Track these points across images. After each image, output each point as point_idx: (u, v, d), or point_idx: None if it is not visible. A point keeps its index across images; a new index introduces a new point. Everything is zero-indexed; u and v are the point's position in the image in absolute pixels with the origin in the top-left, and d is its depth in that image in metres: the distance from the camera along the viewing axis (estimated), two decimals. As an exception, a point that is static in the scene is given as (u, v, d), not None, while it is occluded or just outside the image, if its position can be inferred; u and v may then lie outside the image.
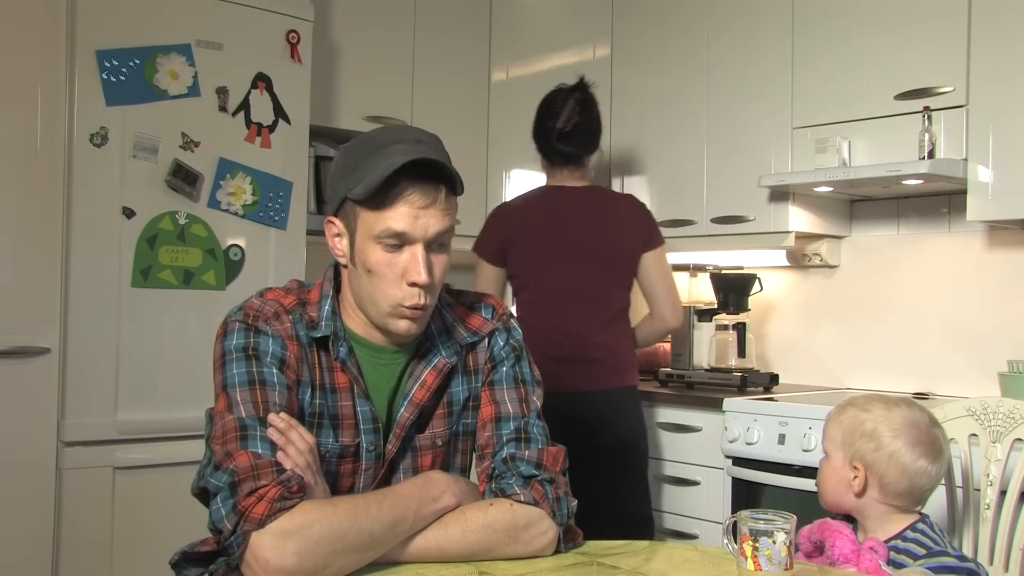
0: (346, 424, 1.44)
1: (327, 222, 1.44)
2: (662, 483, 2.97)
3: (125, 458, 2.52)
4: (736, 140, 3.12)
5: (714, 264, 3.31)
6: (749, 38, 3.10)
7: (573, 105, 2.70)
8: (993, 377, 2.61)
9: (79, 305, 2.49)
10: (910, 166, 2.56)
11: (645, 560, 1.40)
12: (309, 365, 1.41)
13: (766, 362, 3.36)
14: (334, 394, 1.43)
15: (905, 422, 1.59)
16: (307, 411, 1.41)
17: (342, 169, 1.39)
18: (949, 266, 2.93)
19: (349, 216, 1.39)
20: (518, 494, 1.40)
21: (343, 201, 1.39)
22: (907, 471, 1.57)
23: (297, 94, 2.87)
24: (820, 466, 1.67)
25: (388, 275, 1.37)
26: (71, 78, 2.50)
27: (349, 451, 1.45)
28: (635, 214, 2.78)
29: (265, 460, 1.27)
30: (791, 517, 1.26)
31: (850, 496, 1.60)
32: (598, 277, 2.70)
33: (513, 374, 1.53)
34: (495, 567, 1.33)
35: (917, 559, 1.52)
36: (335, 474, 1.44)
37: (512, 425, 1.48)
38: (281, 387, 1.36)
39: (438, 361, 1.47)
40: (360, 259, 1.39)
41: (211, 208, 2.69)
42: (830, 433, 1.64)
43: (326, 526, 1.23)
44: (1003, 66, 2.47)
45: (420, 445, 1.49)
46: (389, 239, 1.35)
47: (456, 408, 1.52)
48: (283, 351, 1.38)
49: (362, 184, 1.33)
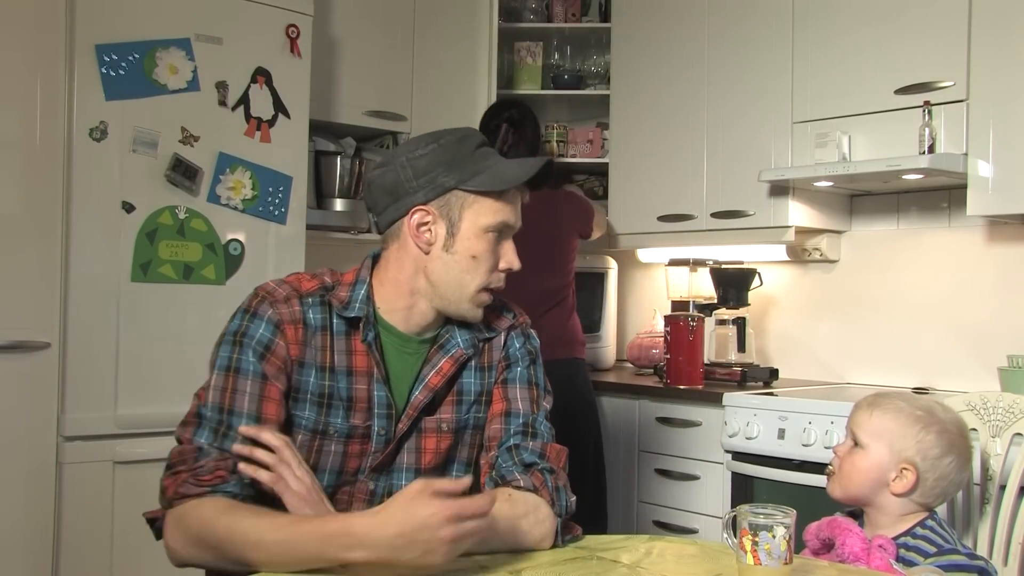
0: (359, 407, 1.48)
1: (417, 210, 1.47)
2: (662, 478, 2.97)
3: (125, 453, 2.52)
4: (736, 135, 3.12)
5: (714, 259, 3.31)
6: (749, 33, 3.10)
7: (506, 129, 2.97)
8: (993, 371, 2.61)
9: (79, 300, 2.48)
10: (910, 161, 2.56)
11: (645, 554, 1.40)
12: (319, 348, 1.46)
13: (766, 357, 3.36)
14: (349, 376, 1.47)
15: (958, 431, 1.59)
16: (312, 391, 1.46)
17: (445, 163, 1.46)
18: (949, 261, 2.93)
19: (454, 207, 1.47)
20: (518, 480, 1.45)
21: (446, 192, 1.46)
22: (951, 481, 1.57)
23: (297, 89, 2.86)
24: (845, 455, 1.61)
25: (490, 261, 1.49)
26: (70, 72, 2.49)
27: (358, 432, 1.48)
28: (570, 211, 3.04)
29: (191, 447, 1.39)
30: (791, 512, 1.26)
31: (881, 493, 1.57)
32: (538, 274, 2.85)
33: (527, 376, 1.60)
34: (494, 561, 1.34)
35: (927, 557, 1.52)
36: (343, 453, 1.48)
37: (520, 420, 1.55)
38: (255, 376, 1.42)
39: (456, 351, 1.54)
40: (464, 246, 1.47)
41: (211, 203, 2.69)
42: (873, 426, 1.59)
43: (207, 532, 1.31)
44: (1003, 60, 2.47)
45: (426, 427, 1.53)
46: (502, 229, 1.49)
47: (466, 399, 1.56)
48: (272, 336, 1.44)
49: (488, 177, 1.46)
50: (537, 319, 2.88)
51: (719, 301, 3.21)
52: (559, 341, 2.95)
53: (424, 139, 1.50)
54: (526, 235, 2.90)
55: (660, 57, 3.38)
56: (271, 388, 1.43)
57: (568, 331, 3.00)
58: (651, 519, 2.99)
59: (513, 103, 3.10)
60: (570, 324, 3.02)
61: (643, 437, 3.04)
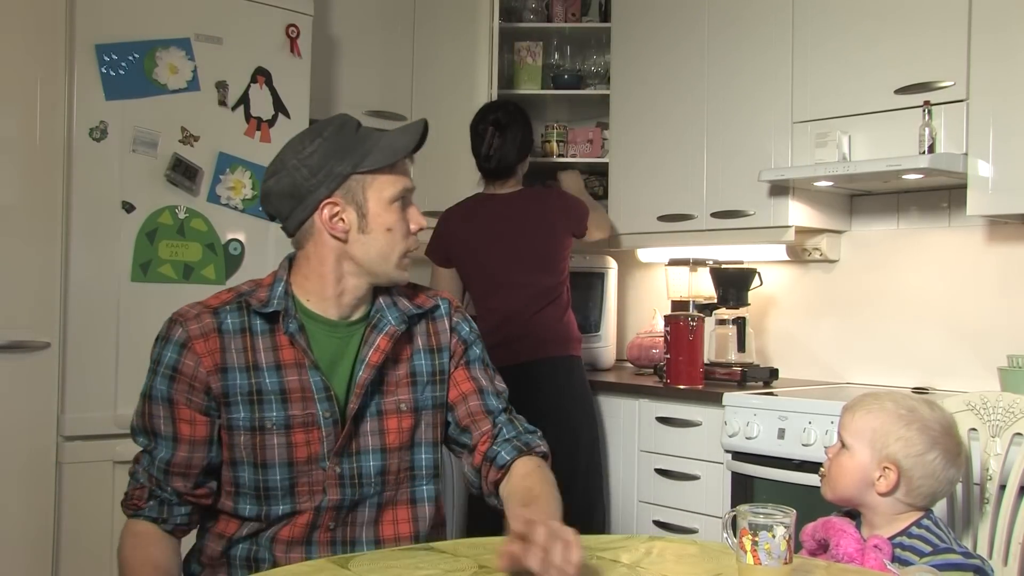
0: (294, 397, 1.54)
1: (325, 204, 1.54)
2: (662, 478, 2.97)
3: (125, 452, 2.49)
4: (736, 134, 3.12)
5: (714, 259, 3.31)
6: (749, 32, 3.09)
7: (492, 132, 3.02)
8: (993, 371, 2.61)
9: (79, 299, 2.49)
10: (910, 161, 2.55)
11: (645, 554, 1.40)
12: (240, 350, 1.54)
13: (766, 357, 3.36)
14: (278, 370, 1.54)
15: (942, 429, 1.59)
16: (241, 392, 1.53)
17: (335, 153, 1.54)
18: (949, 261, 2.93)
19: (356, 191, 1.55)
20: (540, 446, 1.67)
21: (345, 179, 1.54)
22: (938, 478, 1.57)
23: (297, 88, 2.86)
24: (834, 456, 1.63)
25: (403, 228, 1.58)
26: (70, 72, 2.49)
27: (298, 421, 1.54)
28: (562, 210, 3.06)
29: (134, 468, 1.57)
30: (790, 511, 1.26)
31: (868, 493, 1.59)
32: (531, 273, 2.97)
33: (482, 358, 1.73)
34: (494, 561, 1.34)
35: (922, 556, 1.52)
36: (287, 444, 1.54)
37: (493, 396, 1.70)
38: (164, 401, 1.54)
39: (388, 328, 1.61)
40: (377, 223, 1.56)
41: (211, 202, 2.69)
42: (856, 427, 1.61)
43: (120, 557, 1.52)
44: (1004, 60, 2.46)
45: (386, 409, 1.60)
46: (404, 196, 1.58)
47: (420, 379, 1.65)
48: (179, 357, 1.53)
49: (380, 154, 1.55)
50: (531, 316, 2.96)
51: (719, 301, 3.20)
52: (555, 339, 2.96)
53: (305, 138, 1.57)
54: (518, 235, 2.98)
55: (660, 57, 3.38)
56: (182, 411, 1.53)
57: (563, 329, 3.01)
58: (651, 519, 2.99)
59: (501, 105, 3.12)
60: (564, 322, 3.02)
61: (643, 437, 3.05)
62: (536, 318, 2.96)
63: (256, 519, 1.54)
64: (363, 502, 1.58)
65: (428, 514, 1.65)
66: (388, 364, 1.61)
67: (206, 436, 1.54)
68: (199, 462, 1.54)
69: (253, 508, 1.54)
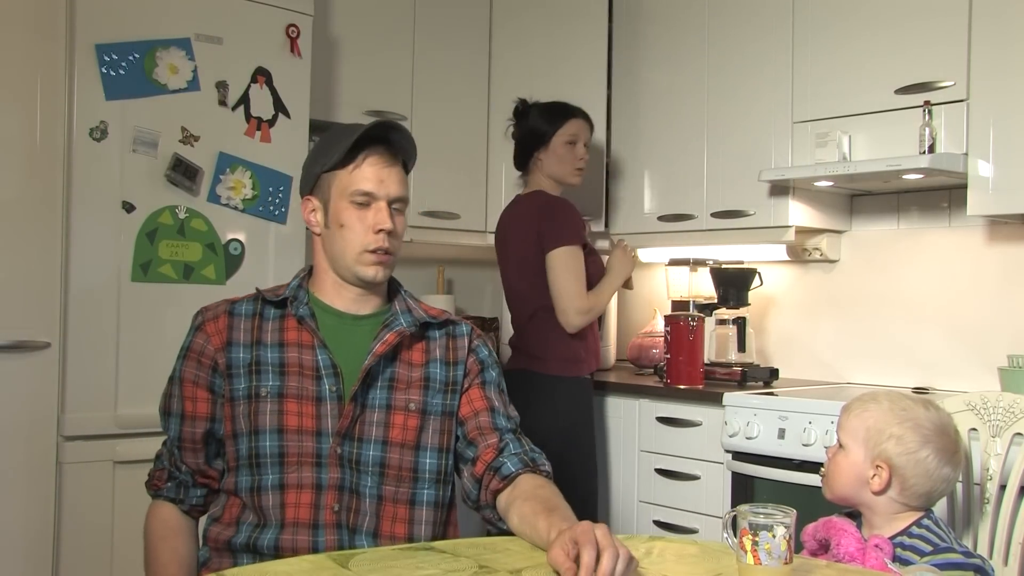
0: (291, 370, 1.63)
1: (304, 201, 1.71)
2: (662, 477, 2.97)
3: (125, 452, 2.52)
4: (736, 134, 3.12)
5: (714, 259, 3.31)
6: (750, 32, 3.10)
7: (510, 120, 3.06)
8: (993, 371, 2.61)
9: (79, 299, 2.48)
10: (910, 160, 2.56)
11: (645, 554, 1.40)
12: (247, 329, 1.66)
13: (766, 357, 3.36)
14: (281, 347, 1.64)
15: (935, 428, 1.59)
16: (243, 364, 1.63)
17: (315, 155, 1.71)
18: (949, 261, 2.93)
19: (324, 189, 1.67)
20: (545, 465, 1.67)
21: (318, 178, 1.68)
22: (932, 477, 1.57)
23: (297, 88, 2.86)
24: (832, 456, 1.64)
25: (358, 227, 1.64)
26: (70, 72, 2.49)
27: (291, 392, 1.61)
28: (531, 218, 2.88)
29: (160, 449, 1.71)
30: (791, 511, 1.26)
31: (864, 492, 1.59)
32: (517, 281, 2.94)
33: (498, 382, 1.77)
34: (495, 561, 1.34)
35: (923, 556, 1.52)
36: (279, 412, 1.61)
37: (504, 418, 1.73)
38: (179, 381, 1.67)
39: (399, 327, 1.68)
40: (334, 220, 1.66)
41: (211, 202, 2.69)
42: (851, 427, 1.62)
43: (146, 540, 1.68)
44: (1004, 60, 2.46)
45: (395, 405, 1.65)
46: (360, 197, 1.64)
47: (433, 386, 1.70)
48: (193, 337, 1.67)
49: (336, 151, 1.64)
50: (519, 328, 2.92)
51: (719, 301, 3.20)
52: (572, 359, 2.86)
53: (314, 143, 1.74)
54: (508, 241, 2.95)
55: (660, 57, 3.38)
56: (187, 388, 1.66)
57: (574, 348, 2.87)
58: (651, 519, 2.99)
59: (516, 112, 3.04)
60: (576, 341, 2.87)
61: (643, 437, 3.05)
62: (522, 332, 2.94)
63: (251, 490, 1.59)
64: (364, 492, 1.60)
65: (427, 519, 1.65)
66: (404, 366, 1.68)
67: (207, 413, 1.65)
68: (200, 435, 1.65)
69: (247, 478, 1.60)
